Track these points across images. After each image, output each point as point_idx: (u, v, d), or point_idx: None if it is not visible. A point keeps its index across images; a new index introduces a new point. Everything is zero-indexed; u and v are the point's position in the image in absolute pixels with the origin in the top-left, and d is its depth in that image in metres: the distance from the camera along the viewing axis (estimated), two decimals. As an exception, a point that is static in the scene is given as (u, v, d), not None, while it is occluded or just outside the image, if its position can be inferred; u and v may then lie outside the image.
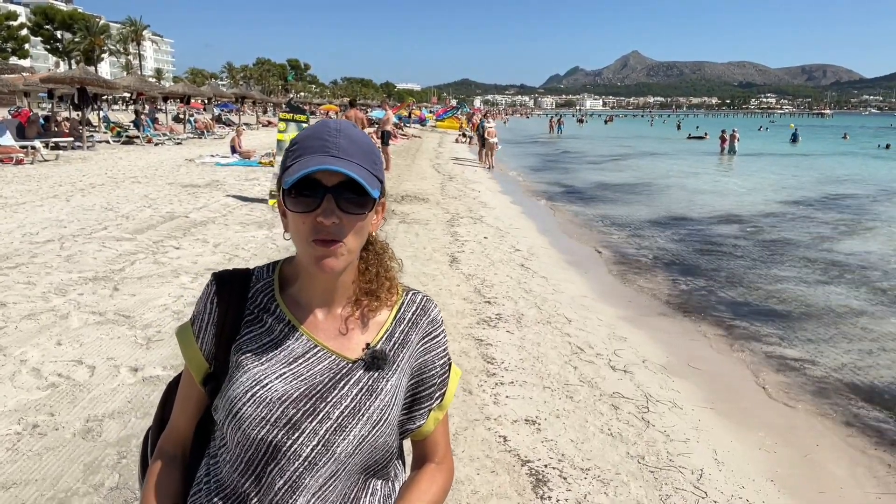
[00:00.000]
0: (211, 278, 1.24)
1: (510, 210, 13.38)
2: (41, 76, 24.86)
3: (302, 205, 1.07)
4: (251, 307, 1.20)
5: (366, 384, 1.15)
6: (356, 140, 1.11)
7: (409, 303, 1.26)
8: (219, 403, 1.16)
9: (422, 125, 52.41)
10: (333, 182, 1.06)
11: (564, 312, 6.28)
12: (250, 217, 9.91)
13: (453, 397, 1.31)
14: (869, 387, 5.34)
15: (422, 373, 1.25)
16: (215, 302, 1.20)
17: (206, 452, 1.24)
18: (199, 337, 1.21)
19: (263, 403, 1.09)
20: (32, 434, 3.40)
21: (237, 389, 1.12)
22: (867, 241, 11.55)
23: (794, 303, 7.61)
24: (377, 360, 1.17)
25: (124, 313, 5.25)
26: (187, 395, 1.25)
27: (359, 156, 1.09)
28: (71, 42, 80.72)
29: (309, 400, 1.11)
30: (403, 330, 1.23)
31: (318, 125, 1.13)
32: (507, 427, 3.86)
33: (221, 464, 1.17)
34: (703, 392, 4.88)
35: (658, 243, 11.05)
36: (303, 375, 1.13)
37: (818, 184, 21.34)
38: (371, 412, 1.13)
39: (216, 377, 1.19)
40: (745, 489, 3.51)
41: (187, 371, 1.24)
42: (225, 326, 1.19)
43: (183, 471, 1.25)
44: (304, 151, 1.09)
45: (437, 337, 1.27)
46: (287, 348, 1.16)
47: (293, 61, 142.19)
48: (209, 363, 1.20)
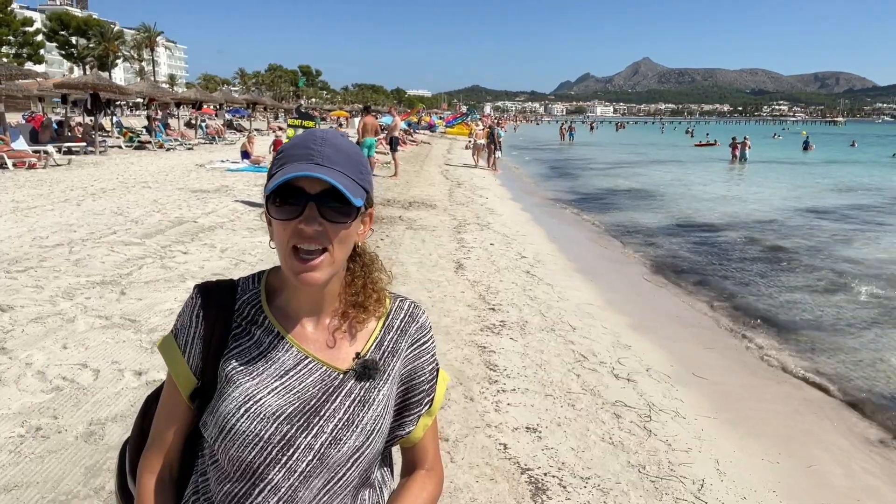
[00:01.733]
0: (194, 290, 1.21)
1: (518, 217, 13.37)
2: (55, 81, 25.14)
3: (285, 212, 1.06)
4: (238, 320, 1.18)
5: (358, 395, 1.14)
6: (341, 148, 1.10)
7: (396, 310, 1.25)
8: (208, 419, 1.14)
9: (431, 131, 52.50)
10: (316, 190, 1.05)
11: (569, 320, 6.26)
12: (258, 222, 9.94)
13: (442, 402, 1.30)
14: (875, 399, 5.28)
15: (411, 379, 1.24)
16: (201, 315, 1.18)
17: (195, 469, 1.22)
18: (185, 351, 1.18)
19: (257, 419, 1.08)
20: (35, 437, 3.43)
21: (229, 405, 1.10)
22: (878, 252, 11.45)
23: (801, 313, 7.55)
24: (368, 370, 1.16)
25: (130, 317, 5.28)
26: (172, 411, 1.21)
27: (343, 164, 1.09)
28: (85, 48, 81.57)
29: (303, 416, 1.10)
30: (392, 338, 1.22)
31: (305, 134, 1.13)
32: (508, 434, 3.86)
33: (211, 480, 1.15)
34: (707, 402, 4.85)
35: (667, 251, 11.00)
36: (295, 389, 1.12)
37: (829, 192, 21.20)
38: (364, 423, 1.13)
39: (204, 392, 1.17)
40: (746, 499, 3.49)
41: (171, 385, 1.20)
42: (212, 340, 1.16)
43: (174, 490, 1.23)
44: (288, 160, 1.09)
45: (426, 343, 1.27)
46: (277, 361, 1.14)
47: (305, 67, 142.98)
48: (197, 378, 1.17)
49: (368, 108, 18.68)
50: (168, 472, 1.23)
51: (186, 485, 1.23)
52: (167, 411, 1.22)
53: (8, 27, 61.93)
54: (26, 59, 64.01)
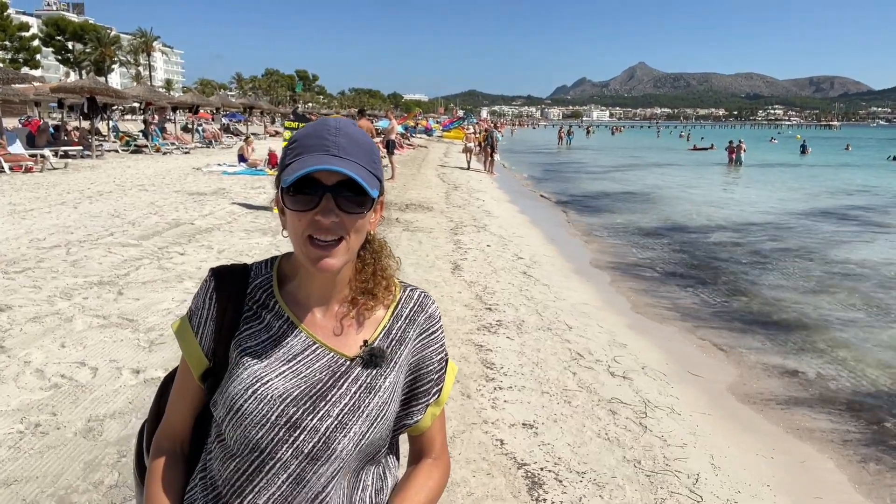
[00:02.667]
0: (209, 273, 1.23)
1: (515, 219, 13.42)
2: (52, 86, 25.11)
3: (301, 203, 1.07)
4: (250, 303, 1.20)
5: (364, 382, 1.15)
6: (356, 139, 1.11)
7: (406, 299, 1.26)
8: (218, 399, 1.16)
9: (428, 135, 52.59)
10: (333, 181, 1.06)
11: (565, 319, 6.30)
12: (255, 224, 9.98)
13: (450, 393, 1.31)
14: (865, 395, 5.33)
15: (419, 368, 1.25)
16: (214, 297, 1.20)
17: (205, 447, 1.24)
18: (197, 332, 1.20)
19: (264, 401, 1.10)
20: (34, 433, 3.44)
21: (237, 386, 1.12)
22: (868, 252, 11.51)
23: (793, 312, 7.60)
24: (375, 358, 1.17)
25: (128, 317, 5.30)
26: (184, 391, 1.24)
27: (358, 155, 1.09)
28: (82, 53, 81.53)
29: (309, 399, 1.12)
30: (401, 326, 1.23)
31: (318, 123, 1.12)
32: (505, 431, 3.89)
33: (213, 458, 1.17)
34: (702, 399, 4.89)
35: (662, 252, 11.06)
36: (302, 373, 1.14)
37: (824, 195, 21.30)
38: (370, 409, 1.14)
39: (215, 373, 1.19)
40: (740, 493, 3.52)
41: (184, 366, 1.24)
42: (224, 322, 1.18)
43: (184, 466, 1.25)
44: (303, 150, 1.09)
45: (435, 333, 1.27)
46: (286, 345, 1.16)
47: (302, 72, 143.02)
48: (209, 359, 1.20)
49: (363, 111, 18.77)
50: (179, 448, 1.26)
51: (197, 461, 1.25)
52: (180, 390, 1.25)
53: (4, 32, 61.91)
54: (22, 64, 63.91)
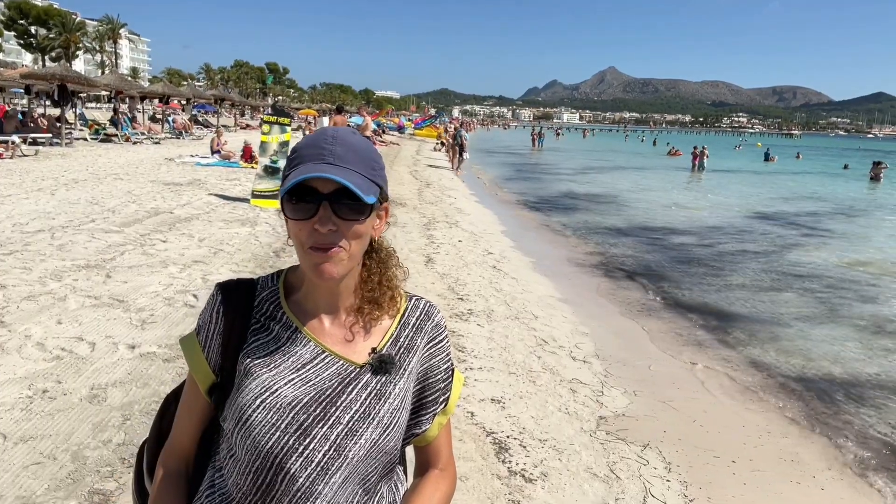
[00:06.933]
0: (216, 288, 1.24)
1: (486, 217, 13.85)
2: (21, 71, 24.75)
3: (299, 212, 1.09)
4: (257, 316, 1.21)
5: (374, 388, 1.16)
6: (353, 146, 1.12)
7: (412, 308, 1.28)
8: (227, 413, 1.16)
9: (400, 133, 52.76)
10: (329, 189, 1.07)
11: (532, 310, 6.73)
12: (233, 215, 10.22)
13: (457, 402, 1.33)
14: (806, 379, 5.86)
15: (427, 377, 1.27)
16: (221, 312, 1.20)
17: (210, 464, 1.24)
18: (204, 347, 1.21)
19: (274, 409, 1.10)
20: (43, 398, 3.73)
21: (246, 396, 1.12)
22: (817, 254, 12.22)
23: (741, 306, 8.15)
24: (384, 364, 1.18)
25: (118, 298, 5.57)
26: (191, 407, 1.24)
27: (355, 162, 1.10)
28: (45, 38, 79.63)
29: (319, 405, 1.12)
30: (408, 334, 1.24)
31: (317, 133, 1.15)
32: (475, 405, 4.29)
33: (227, 474, 1.17)
34: (656, 385, 5.34)
35: (624, 250, 11.58)
36: (311, 381, 1.14)
37: (778, 200, 22.22)
38: (381, 416, 1.15)
39: (222, 387, 1.19)
40: (687, 456, 3.98)
41: (191, 382, 1.24)
42: (231, 336, 1.19)
43: (188, 486, 1.25)
44: (301, 160, 1.10)
45: (442, 342, 1.29)
46: (294, 354, 1.17)
47: (272, 65, 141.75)
48: (215, 374, 1.20)
49: (341, 108, 18.97)
50: (185, 467, 1.27)
51: (202, 481, 1.25)
52: (185, 408, 1.26)
53: (-36, 15, 60.25)
54: (-17, 47, 62.29)
